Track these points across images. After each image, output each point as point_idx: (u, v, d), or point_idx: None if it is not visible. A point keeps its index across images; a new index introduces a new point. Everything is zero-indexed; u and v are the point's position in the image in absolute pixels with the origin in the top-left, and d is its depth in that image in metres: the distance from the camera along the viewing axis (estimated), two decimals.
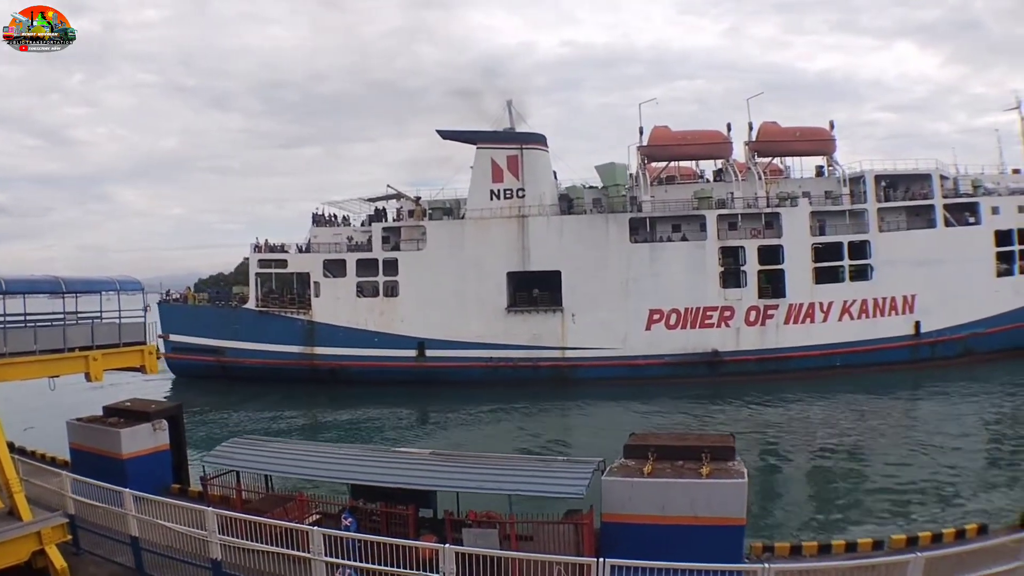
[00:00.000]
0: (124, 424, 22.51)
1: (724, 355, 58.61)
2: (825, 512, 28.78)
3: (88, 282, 21.70)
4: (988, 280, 62.42)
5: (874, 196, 61.89)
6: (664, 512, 14.79)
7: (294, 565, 14.17)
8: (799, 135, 65.13)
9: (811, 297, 60.01)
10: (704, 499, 14.84)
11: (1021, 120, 78.66)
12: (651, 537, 14.44)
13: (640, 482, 15.11)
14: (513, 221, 59.98)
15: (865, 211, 61.60)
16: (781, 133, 65.45)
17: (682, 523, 14.75)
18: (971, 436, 39.90)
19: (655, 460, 15.98)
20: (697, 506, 14.80)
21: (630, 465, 16.04)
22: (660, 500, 14.86)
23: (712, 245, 59.86)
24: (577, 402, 52.25)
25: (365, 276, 61.08)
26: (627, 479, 15.23)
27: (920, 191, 63.39)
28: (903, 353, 60.30)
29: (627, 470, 15.76)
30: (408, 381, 57.18)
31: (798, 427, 43.89)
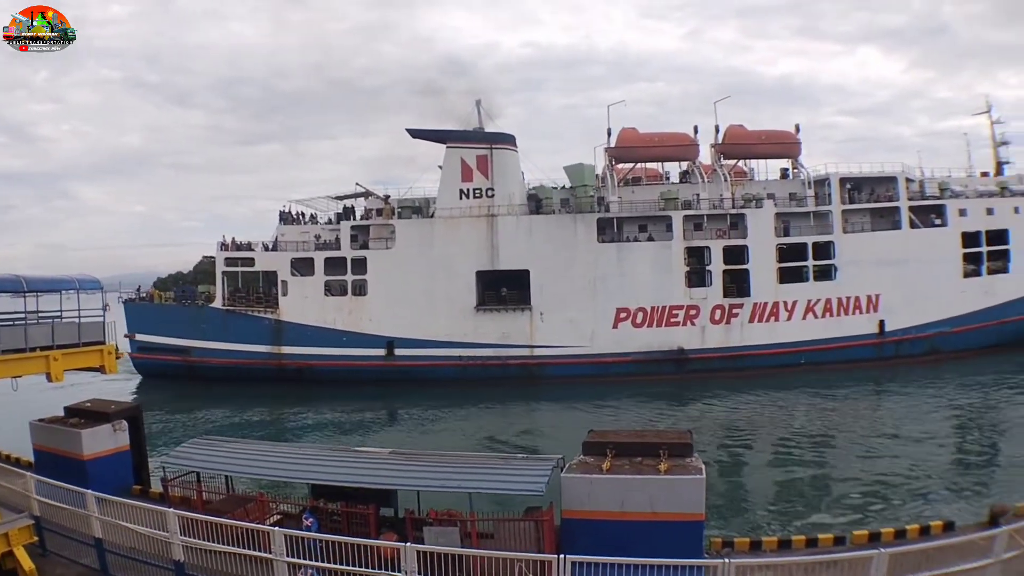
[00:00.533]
0: (85, 425, 22.44)
1: (690, 353, 59.50)
2: (787, 508, 29.27)
3: (49, 281, 21.69)
4: (955, 280, 64.11)
5: (839, 198, 63.31)
6: (623, 508, 14.93)
7: (256, 566, 14.25)
8: (765, 138, 66.28)
9: (775, 296, 61.18)
10: (663, 495, 14.95)
11: (991, 124, 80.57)
12: (611, 533, 14.62)
13: (599, 479, 15.24)
14: (482, 220, 60.30)
15: (829, 213, 62.96)
16: (747, 136, 66.60)
17: (641, 519, 14.87)
18: (936, 433, 40.53)
19: (614, 457, 16.13)
20: (656, 502, 14.89)
21: (589, 462, 16.16)
22: (619, 496, 14.97)
23: (678, 245, 60.82)
24: (545, 400, 52.79)
25: (333, 275, 60.98)
26: (586, 476, 15.39)
27: (885, 193, 64.77)
28: (868, 351, 61.74)
29: (586, 467, 15.90)
30: (377, 380, 57.16)
31: (762, 424, 44.70)
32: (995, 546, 13.27)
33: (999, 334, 63.84)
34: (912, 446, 37.37)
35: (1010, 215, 66.61)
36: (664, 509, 14.89)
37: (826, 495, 30.87)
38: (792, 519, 27.48)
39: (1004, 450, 37.14)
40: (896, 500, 29.24)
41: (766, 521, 27.32)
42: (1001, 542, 13.27)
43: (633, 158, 67.28)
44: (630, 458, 16.16)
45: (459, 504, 15.87)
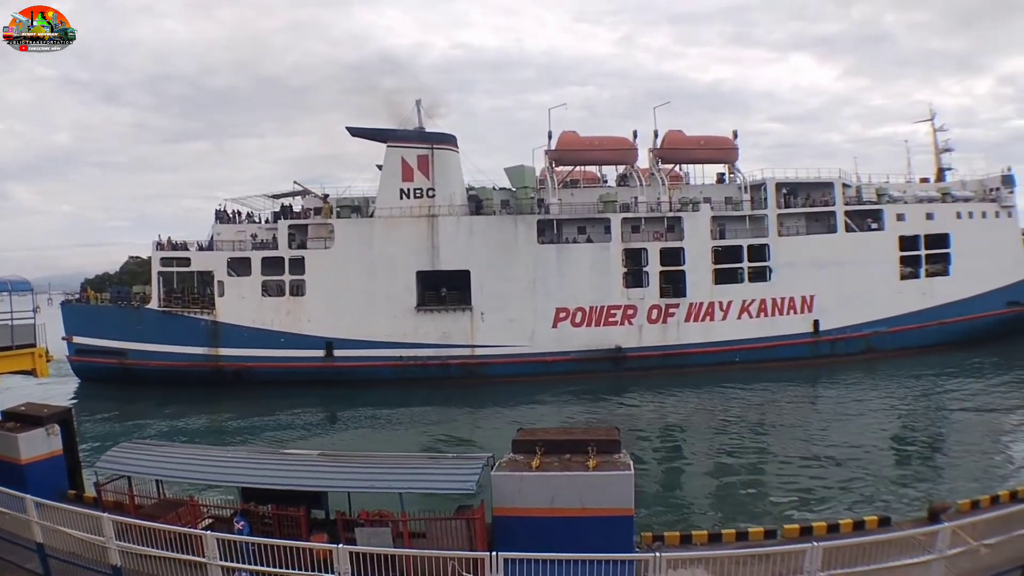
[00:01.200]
0: (20, 429, 22.11)
1: (627, 351, 60.55)
2: (720, 503, 29.88)
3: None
4: (892, 282, 66.59)
5: (775, 202, 65.19)
6: (554, 505, 15.09)
7: (191, 570, 14.24)
8: (703, 143, 67.96)
9: (711, 297, 62.61)
10: (592, 491, 15.18)
11: (934, 131, 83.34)
12: (542, 529, 14.86)
13: (529, 476, 15.45)
14: (423, 221, 60.18)
15: (765, 216, 64.80)
16: (686, 141, 68.09)
17: (572, 515, 15.05)
18: (870, 431, 41.53)
19: (543, 455, 16.29)
20: (585, 498, 15.11)
21: (518, 460, 16.33)
22: (549, 493, 15.20)
23: (616, 247, 61.86)
24: (486, 399, 53.05)
25: (271, 275, 60.12)
26: (516, 474, 15.56)
27: (822, 198, 67.01)
28: (803, 350, 63.56)
29: (516, 465, 16.04)
30: (316, 382, 56.68)
31: (697, 421, 45.65)
32: (938, 542, 13.40)
33: (937, 334, 66.31)
34: (845, 443, 38.30)
35: (952, 219, 69.47)
36: (594, 505, 15.09)
37: (759, 491, 31.49)
38: (724, 514, 27.97)
39: (938, 448, 38.03)
40: (829, 496, 29.85)
41: (699, 516, 27.81)
42: (944, 538, 13.38)
43: (573, 161, 68.09)
44: (559, 455, 16.32)
45: (390, 504, 15.93)
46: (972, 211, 71.22)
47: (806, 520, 22.00)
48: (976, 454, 35.49)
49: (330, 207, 62.65)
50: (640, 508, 26.33)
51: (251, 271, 60.17)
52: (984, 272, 69.33)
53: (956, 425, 42.55)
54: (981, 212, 71.67)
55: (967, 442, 37.96)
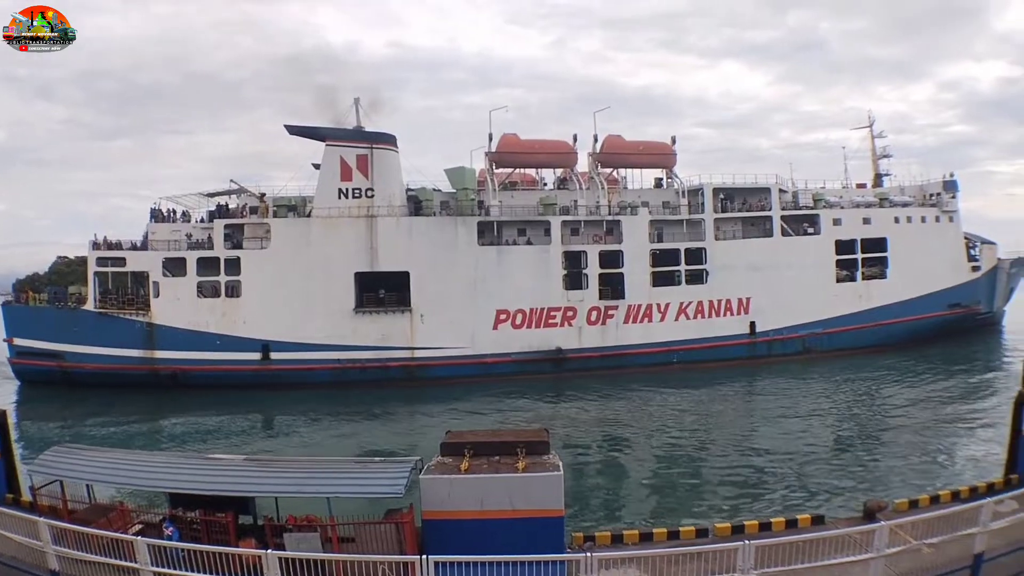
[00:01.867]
0: None
1: (567, 352, 61.01)
2: (653, 502, 30.12)
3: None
4: (828, 285, 68.50)
5: (711, 207, 66.42)
6: (483, 507, 15.09)
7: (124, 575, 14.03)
8: (642, 148, 69.23)
9: (649, 299, 63.51)
10: (521, 492, 15.19)
11: (872, 137, 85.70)
12: (473, 532, 14.71)
13: (458, 479, 15.45)
14: (361, 221, 59.51)
15: (702, 220, 65.91)
16: (625, 146, 69.12)
17: (502, 517, 15.00)
18: (804, 430, 42.23)
19: (471, 457, 16.32)
20: (515, 499, 15.11)
21: (447, 463, 16.31)
22: (479, 495, 15.17)
23: (556, 249, 62.29)
24: (427, 401, 52.77)
25: (206, 275, 58.68)
26: (445, 476, 15.54)
27: (758, 203, 68.38)
28: (739, 350, 64.95)
29: (444, 468, 16.04)
30: (253, 385, 55.71)
31: (635, 421, 46.00)
32: (876, 541, 13.43)
33: (874, 336, 68.35)
34: (780, 443, 38.97)
35: (889, 224, 71.66)
36: (524, 506, 15.12)
37: (693, 490, 31.82)
38: (658, 513, 28.18)
39: (874, 448, 38.62)
40: (763, 495, 30.19)
41: (633, 515, 27.93)
42: (882, 537, 13.42)
43: (514, 163, 68.42)
44: (488, 457, 16.36)
45: (318, 509, 15.81)
46: (911, 216, 73.55)
47: (740, 519, 22.01)
48: (912, 454, 36.10)
49: (267, 206, 61.45)
50: (574, 508, 26.38)
51: (186, 272, 58.69)
52: (923, 275, 71.76)
53: (891, 425, 43.43)
54: (921, 217, 73.96)
55: (903, 442, 38.79)
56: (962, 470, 32.87)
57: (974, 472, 31.19)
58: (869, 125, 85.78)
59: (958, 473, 32.23)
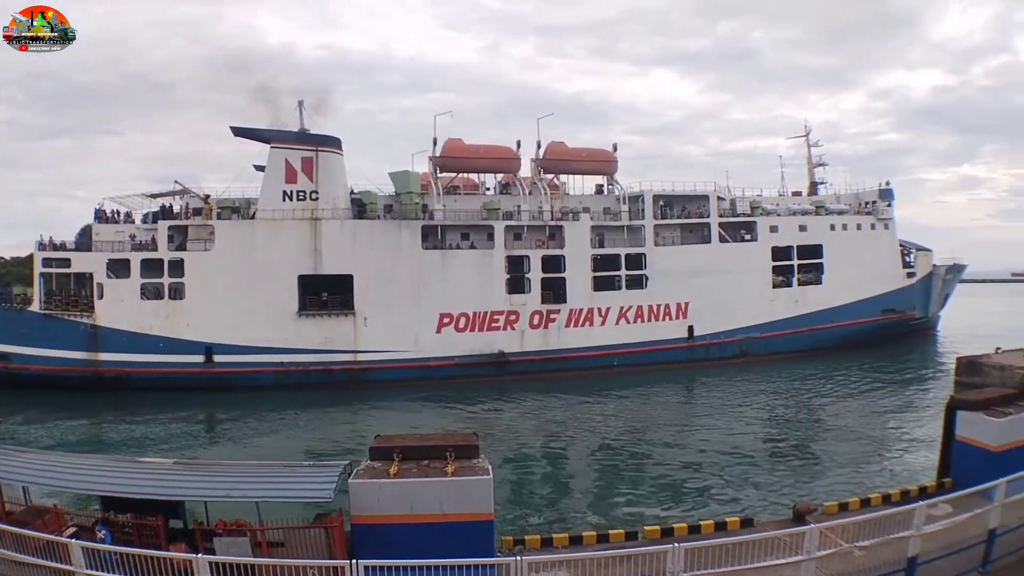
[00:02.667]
0: None
1: (510, 356, 61.89)
2: (586, 505, 30.27)
3: None
4: (764, 290, 70.70)
5: (651, 213, 68.02)
6: (413, 511, 15.08)
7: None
8: (585, 155, 70.52)
9: (590, 303, 64.79)
10: (451, 496, 15.16)
11: (808, 146, 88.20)
12: (402, 536, 14.74)
13: (387, 483, 15.38)
14: (305, 224, 59.50)
15: (643, 227, 67.47)
16: (568, 153, 70.37)
17: (432, 521, 14.99)
18: (738, 433, 43.12)
19: (400, 461, 16.32)
20: (445, 503, 15.08)
21: (376, 467, 16.27)
22: (408, 500, 15.15)
23: (499, 253, 63.18)
24: (370, 404, 53.06)
25: (150, 277, 58.12)
26: (374, 481, 15.47)
27: (697, 210, 70.22)
28: (678, 354, 66.52)
29: (373, 472, 16.00)
30: (196, 388, 55.33)
31: (573, 424, 46.68)
32: (806, 543, 13.42)
33: (810, 340, 70.65)
34: (714, 446, 39.56)
35: (825, 231, 74.15)
36: (453, 510, 15.12)
37: (625, 493, 32.16)
38: (588, 516, 28.43)
39: (806, 451, 39.34)
40: (695, 498, 30.74)
41: (568, 518, 28.20)
42: (812, 540, 13.41)
43: (458, 168, 68.91)
44: (417, 461, 16.36)
45: (248, 513, 15.87)
46: (847, 223, 76.17)
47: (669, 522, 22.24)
48: (844, 458, 36.88)
49: (211, 208, 61.02)
50: (506, 512, 26.88)
51: (130, 273, 58.08)
52: (859, 281, 74.42)
53: (824, 429, 44.40)
54: (856, 224, 76.64)
55: (835, 446, 39.51)
56: (894, 474, 33.56)
57: (906, 476, 31.92)
58: (806, 134, 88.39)
59: (889, 477, 32.88)
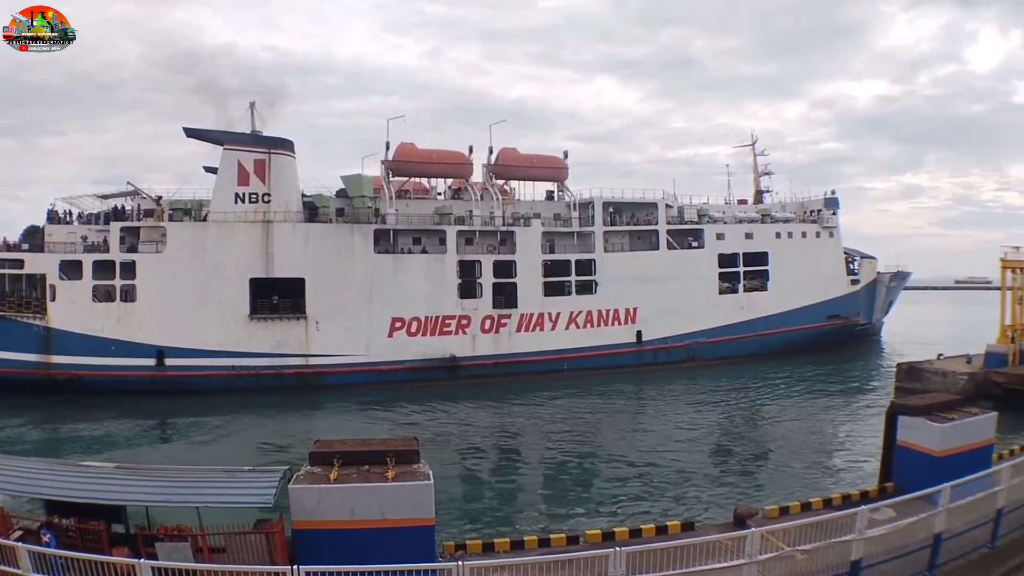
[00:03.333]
0: None
1: (462, 360, 62.45)
2: (529, 510, 30.72)
3: None
4: (711, 296, 72.42)
5: (601, 220, 69.21)
6: (354, 516, 15.10)
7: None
8: (536, 162, 71.37)
9: (541, 308, 65.70)
10: (392, 501, 15.21)
11: (754, 156, 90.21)
12: (344, 542, 14.76)
13: (328, 488, 15.39)
14: (258, 226, 59.19)
15: (592, 233, 68.61)
16: (519, 159, 71.09)
17: (372, 526, 15.03)
18: (683, 437, 43.57)
19: (341, 466, 16.28)
20: (386, 509, 15.13)
21: (316, 472, 16.25)
22: (349, 505, 15.16)
23: (451, 258, 63.68)
24: (321, 409, 53.18)
25: (102, 279, 57.37)
26: (314, 486, 15.48)
27: (645, 217, 71.58)
28: (627, 358, 67.77)
29: (314, 477, 15.99)
30: (148, 391, 54.89)
31: (519, 428, 47.45)
32: (747, 547, 13.50)
33: (755, 345, 72.42)
34: (658, 450, 40.05)
35: (770, 239, 76.09)
36: (394, 515, 15.19)
37: (567, 497, 32.48)
38: (531, 521, 28.65)
39: (746, 455, 40.04)
40: (637, 501, 31.03)
41: (506, 523, 28.34)
42: (754, 543, 13.51)
43: (411, 172, 69.39)
44: (357, 467, 16.36)
45: (189, 519, 15.88)
46: (792, 231, 78.15)
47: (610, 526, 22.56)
48: (786, 462, 37.53)
49: (163, 209, 60.54)
50: (449, 517, 27.14)
51: (82, 275, 57.29)
52: (803, 288, 76.40)
53: (767, 433, 45.46)
54: (801, 232, 78.62)
55: (777, 450, 40.47)
56: (836, 478, 34.09)
57: (848, 480, 32.42)
58: (752, 143, 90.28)
59: (832, 481, 33.34)
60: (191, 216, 60.69)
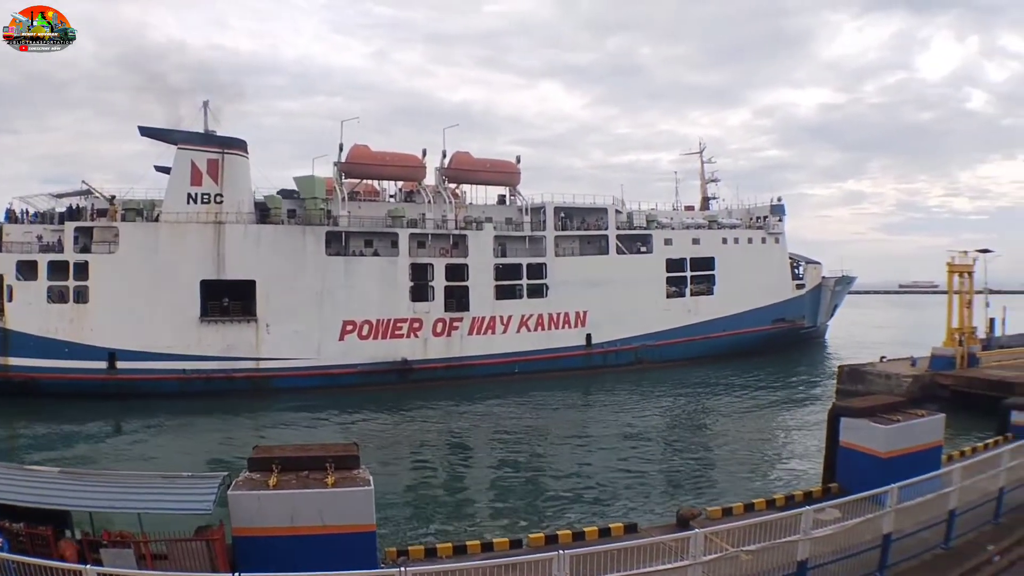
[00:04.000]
0: None
1: (413, 363, 62.73)
2: (474, 514, 30.75)
3: None
4: (659, 300, 74.16)
5: (552, 225, 70.35)
6: (294, 523, 14.96)
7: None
8: (489, 166, 72.46)
9: (492, 311, 66.52)
10: (332, 508, 15.06)
11: (702, 163, 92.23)
12: (284, 548, 14.70)
13: (267, 495, 15.25)
14: (209, 227, 58.74)
15: (544, 237, 69.72)
16: (473, 163, 72.05)
17: (313, 533, 14.91)
18: (628, 440, 43.98)
19: (280, 472, 16.13)
20: (326, 515, 14.96)
21: (255, 479, 16.08)
22: (289, 512, 15.01)
23: (404, 261, 64.05)
24: (272, 412, 52.94)
25: (56, 280, 56.52)
26: (253, 492, 15.33)
27: (595, 223, 72.97)
28: (577, 361, 68.98)
29: (253, 483, 15.83)
30: (101, 395, 54.15)
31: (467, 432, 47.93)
32: (692, 548, 13.46)
33: (702, 348, 74.37)
34: (602, 452, 40.45)
35: (717, 244, 78.22)
36: (334, 522, 15.02)
37: (511, 501, 32.69)
38: (476, 525, 28.63)
39: (692, 457, 40.25)
40: (581, 504, 31.20)
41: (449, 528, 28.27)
42: (698, 544, 13.47)
43: (364, 174, 69.57)
44: (296, 472, 16.24)
45: (132, 525, 15.91)
46: (738, 237, 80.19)
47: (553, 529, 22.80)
48: (730, 464, 38.16)
49: (116, 209, 59.64)
50: (392, 522, 27.52)
51: (37, 275, 56.45)
52: (749, 292, 78.54)
53: (712, 435, 46.06)
54: (748, 238, 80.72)
55: (722, 452, 41.17)
56: (780, 479, 34.47)
57: (792, 481, 32.80)
58: (700, 151, 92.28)
59: (775, 482, 33.67)
60: (144, 216, 60.05)
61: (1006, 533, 18.57)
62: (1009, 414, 29.02)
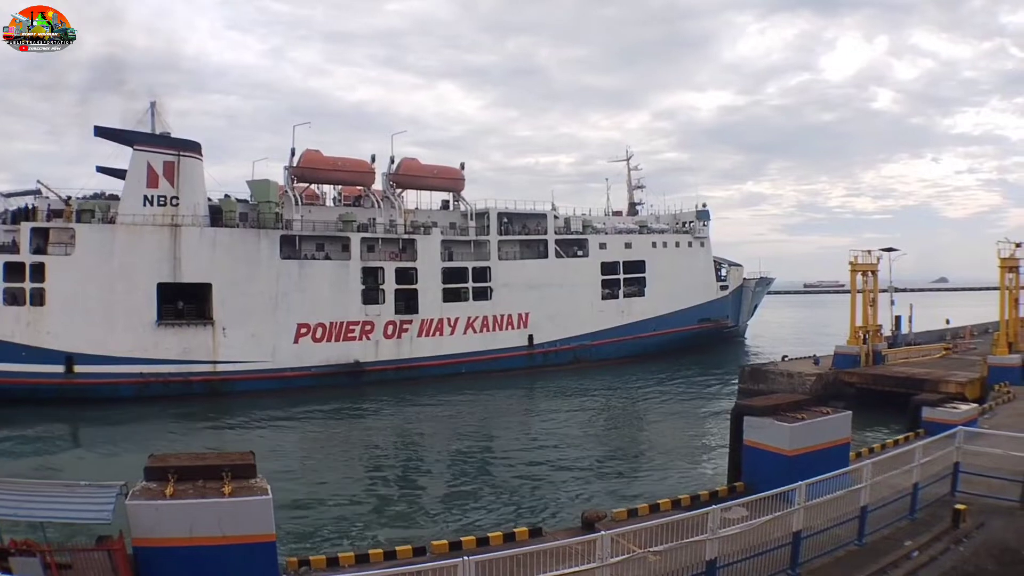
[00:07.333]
0: None
1: (365, 365, 65.20)
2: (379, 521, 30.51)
3: None
4: (594, 302, 78.56)
5: (496, 230, 73.76)
6: (192, 533, 14.54)
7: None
8: (436, 172, 75.13)
9: (440, 313, 69.66)
10: (230, 517, 14.64)
11: (628, 170, 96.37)
12: (184, 559, 14.47)
13: (164, 505, 14.83)
14: (166, 230, 59.27)
15: (488, 242, 72.95)
16: (420, 169, 74.68)
17: (212, 543, 14.51)
18: (544, 441, 44.69)
19: (176, 481, 15.72)
20: (224, 525, 14.53)
21: (152, 488, 15.62)
22: (186, 522, 14.59)
23: (355, 265, 66.31)
24: (229, 416, 53.31)
25: (12, 282, 56.26)
26: (150, 502, 14.91)
27: (536, 227, 76.84)
28: (520, 361, 72.93)
29: (150, 493, 15.37)
30: (57, 399, 54.58)
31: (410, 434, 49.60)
32: (598, 550, 13.31)
33: (635, 347, 79.07)
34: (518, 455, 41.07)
35: (647, 248, 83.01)
36: (233, 532, 14.61)
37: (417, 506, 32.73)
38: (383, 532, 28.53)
39: (602, 457, 40.69)
40: (487, 507, 31.36)
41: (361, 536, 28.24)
42: (604, 546, 13.29)
43: (315, 179, 71.57)
44: (193, 482, 15.86)
45: (37, 534, 15.68)
46: (667, 241, 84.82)
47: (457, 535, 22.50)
48: (640, 463, 38.91)
49: (71, 210, 59.61)
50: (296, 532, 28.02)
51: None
52: (677, 293, 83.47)
53: (628, 436, 47.59)
54: (675, 242, 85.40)
55: (635, 452, 42.17)
56: (689, 479, 34.36)
57: (701, 481, 32.60)
58: (627, 159, 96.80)
59: (681, 482, 33.56)
60: (99, 218, 59.88)
61: (923, 528, 18.86)
62: (920, 410, 30.26)
